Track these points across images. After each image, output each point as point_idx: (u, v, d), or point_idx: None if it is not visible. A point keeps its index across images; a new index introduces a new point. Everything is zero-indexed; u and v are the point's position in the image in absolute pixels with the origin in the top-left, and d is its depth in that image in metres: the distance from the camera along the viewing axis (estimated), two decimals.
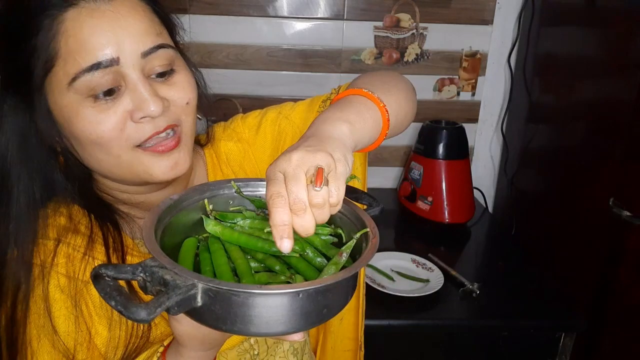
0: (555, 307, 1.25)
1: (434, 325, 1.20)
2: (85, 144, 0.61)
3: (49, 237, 0.64)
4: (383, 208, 0.60)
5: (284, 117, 0.80)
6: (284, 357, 0.79)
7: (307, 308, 0.45)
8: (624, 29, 1.20)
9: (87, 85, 0.58)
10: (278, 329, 0.46)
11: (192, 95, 0.66)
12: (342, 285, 0.48)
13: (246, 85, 1.75)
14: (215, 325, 0.46)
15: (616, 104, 1.21)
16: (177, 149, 0.64)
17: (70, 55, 0.57)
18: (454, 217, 1.58)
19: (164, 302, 0.42)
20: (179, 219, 0.56)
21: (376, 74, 0.75)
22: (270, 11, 1.68)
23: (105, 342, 0.64)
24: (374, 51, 1.75)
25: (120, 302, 0.42)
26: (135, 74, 0.60)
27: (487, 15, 1.74)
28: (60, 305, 0.63)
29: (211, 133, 0.82)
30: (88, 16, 0.58)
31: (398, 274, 1.31)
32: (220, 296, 0.44)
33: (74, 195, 0.67)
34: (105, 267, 0.45)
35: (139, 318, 0.41)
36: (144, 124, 0.61)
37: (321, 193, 0.45)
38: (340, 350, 0.92)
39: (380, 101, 0.62)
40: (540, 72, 1.62)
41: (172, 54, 0.64)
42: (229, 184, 0.60)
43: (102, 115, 0.59)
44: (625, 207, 1.16)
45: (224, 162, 0.80)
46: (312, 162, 0.46)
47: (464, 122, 1.69)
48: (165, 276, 0.44)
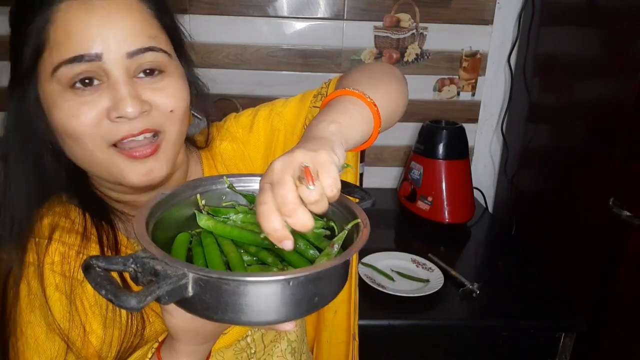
0: (555, 307, 1.25)
1: (434, 325, 1.20)
2: (63, 137, 0.62)
3: (44, 236, 0.65)
4: (374, 201, 0.59)
5: (275, 115, 0.80)
6: (282, 357, 0.79)
7: (298, 296, 0.45)
8: (624, 29, 1.20)
9: (67, 75, 0.58)
10: (269, 318, 0.45)
11: (179, 104, 0.65)
12: (332, 273, 0.48)
13: (246, 85, 1.74)
14: (207, 315, 0.46)
15: (616, 104, 1.21)
16: (153, 157, 0.63)
17: (57, 44, 0.58)
18: (454, 217, 1.58)
19: (154, 290, 0.42)
20: (172, 214, 0.56)
21: (362, 69, 0.74)
22: (270, 11, 1.68)
23: (100, 339, 0.64)
24: (374, 51, 1.75)
25: (110, 291, 0.42)
26: (117, 72, 0.59)
27: (487, 15, 1.74)
28: (55, 303, 0.63)
29: (210, 135, 0.82)
30: (79, 9, 0.58)
31: (398, 274, 1.31)
32: (210, 285, 0.44)
33: (69, 192, 0.67)
34: (96, 258, 0.45)
35: (129, 306, 0.41)
36: (119, 124, 0.60)
37: (316, 190, 0.45)
38: (335, 343, 0.92)
39: (366, 97, 0.62)
40: (540, 72, 1.62)
41: (163, 58, 0.63)
42: (222, 179, 0.60)
43: (80, 108, 0.59)
44: (625, 207, 1.16)
45: (220, 162, 0.81)
46: (294, 163, 0.46)
47: (464, 122, 1.69)
48: (156, 267, 0.44)
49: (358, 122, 0.60)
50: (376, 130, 0.63)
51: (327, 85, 0.79)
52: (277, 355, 0.79)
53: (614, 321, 1.23)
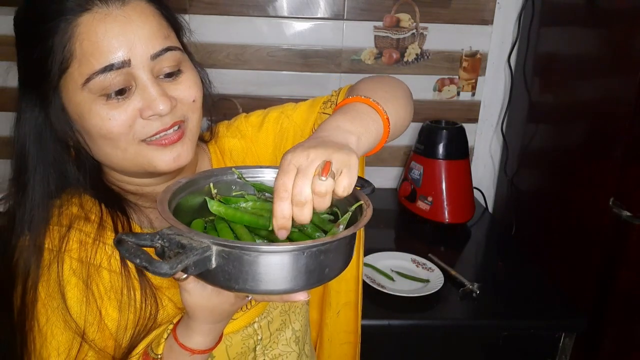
0: (555, 307, 1.25)
1: (434, 325, 1.20)
2: (96, 138, 0.65)
3: (62, 224, 0.68)
4: (374, 188, 0.65)
5: (285, 117, 0.84)
6: (287, 344, 0.81)
7: (311, 266, 0.50)
8: (624, 29, 1.20)
9: (100, 85, 0.62)
10: (285, 286, 0.50)
11: (198, 93, 0.70)
12: (341, 245, 0.54)
13: (246, 85, 1.75)
14: (229, 285, 0.50)
15: (616, 104, 1.21)
16: (179, 142, 0.68)
17: (85, 57, 0.61)
18: (454, 217, 1.58)
19: (183, 260, 0.46)
20: (186, 201, 0.61)
21: (378, 80, 0.78)
22: (270, 11, 1.68)
23: (116, 322, 0.68)
24: (374, 51, 1.75)
25: (144, 259, 0.47)
26: (145, 75, 0.63)
27: (487, 15, 1.74)
28: (73, 287, 0.66)
29: (215, 130, 0.86)
30: (101, 21, 0.61)
31: (398, 274, 1.31)
32: (232, 256, 0.49)
33: (85, 186, 0.71)
34: (126, 235, 0.50)
35: (162, 272, 0.46)
36: (152, 121, 0.65)
37: (325, 183, 0.49)
38: (337, 343, 0.96)
39: (385, 113, 0.66)
40: (540, 72, 1.62)
41: (179, 55, 0.68)
42: (232, 171, 0.65)
43: (114, 112, 0.63)
44: (625, 207, 1.16)
45: (228, 158, 0.84)
46: (326, 158, 0.51)
47: (464, 122, 1.69)
48: (182, 241, 0.48)
49: (373, 138, 0.64)
50: (380, 145, 0.67)
51: (337, 94, 0.83)
52: (282, 343, 0.81)
53: (614, 321, 1.23)
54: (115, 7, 0.62)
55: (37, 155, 0.67)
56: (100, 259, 0.67)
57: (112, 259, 0.67)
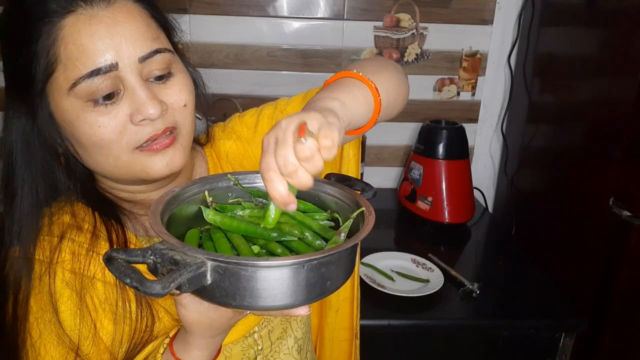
0: (555, 307, 1.25)
1: (434, 325, 1.20)
2: (87, 146, 0.63)
3: (54, 234, 0.65)
4: (376, 192, 0.62)
5: (279, 112, 0.82)
6: (288, 354, 0.79)
7: (312, 279, 0.47)
8: (624, 29, 1.20)
9: (87, 90, 0.59)
10: (285, 302, 0.47)
11: (189, 97, 0.67)
12: (342, 257, 0.50)
13: (246, 85, 1.74)
14: (225, 301, 0.47)
15: (616, 104, 1.21)
16: (172, 147, 0.65)
17: (70, 61, 0.59)
18: (454, 217, 1.58)
19: (177, 278, 0.44)
20: (181, 211, 0.58)
21: (366, 59, 0.76)
22: (270, 11, 1.68)
23: (111, 335, 0.65)
24: (374, 51, 1.75)
25: (135, 279, 0.44)
26: (133, 78, 0.61)
27: (487, 15, 1.74)
28: (66, 300, 0.64)
29: (211, 133, 0.84)
30: (86, 23, 0.59)
31: (398, 274, 1.31)
32: (229, 271, 0.46)
33: (77, 194, 0.68)
34: (116, 251, 0.47)
35: (154, 292, 0.43)
36: (143, 127, 0.62)
37: (307, 144, 0.45)
38: (337, 340, 0.94)
39: (369, 80, 0.63)
40: (540, 72, 1.62)
41: (169, 57, 0.65)
42: (227, 177, 0.63)
43: (103, 119, 0.61)
44: (625, 207, 1.16)
45: (225, 161, 0.82)
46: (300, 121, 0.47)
47: (464, 122, 1.69)
48: (175, 256, 0.46)
49: (361, 103, 0.61)
50: (375, 115, 0.64)
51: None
52: (284, 353, 0.79)
53: (614, 321, 1.23)
54: (101, 8, 0.60)
55: (25, 164, 0.64)
56: (94, 270, 0.65)
57: (106, 270, 0.64)
